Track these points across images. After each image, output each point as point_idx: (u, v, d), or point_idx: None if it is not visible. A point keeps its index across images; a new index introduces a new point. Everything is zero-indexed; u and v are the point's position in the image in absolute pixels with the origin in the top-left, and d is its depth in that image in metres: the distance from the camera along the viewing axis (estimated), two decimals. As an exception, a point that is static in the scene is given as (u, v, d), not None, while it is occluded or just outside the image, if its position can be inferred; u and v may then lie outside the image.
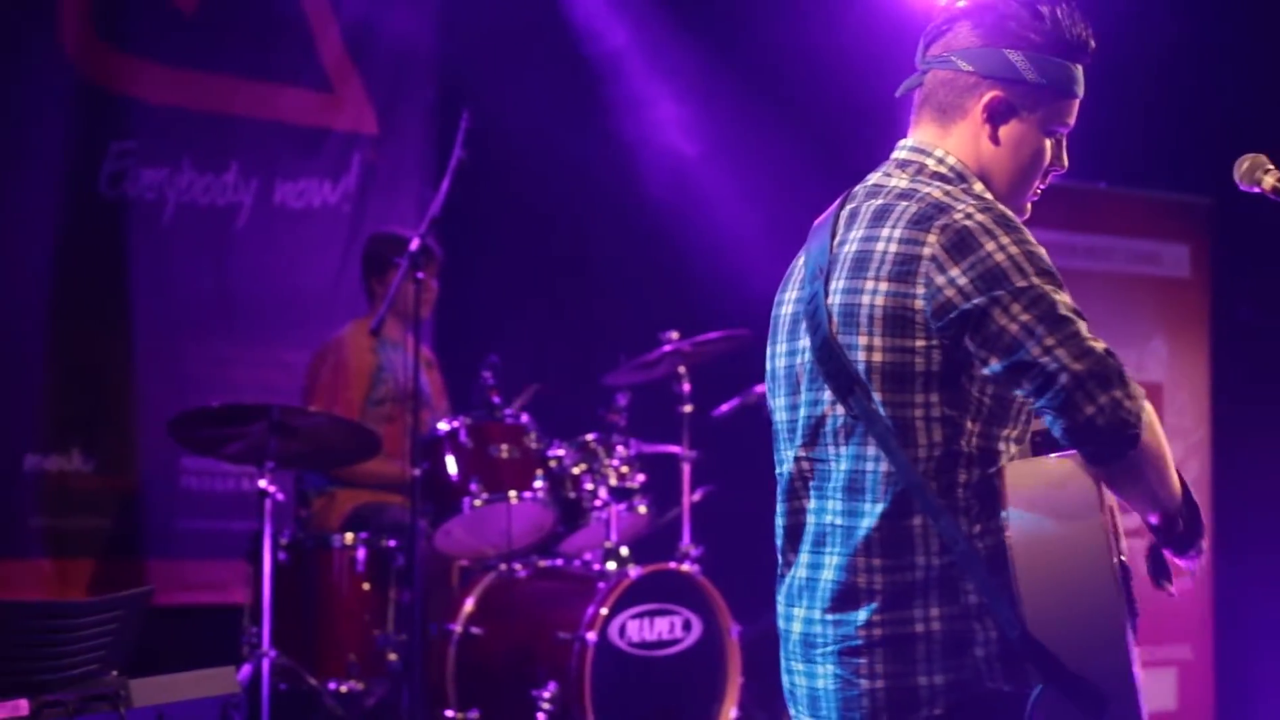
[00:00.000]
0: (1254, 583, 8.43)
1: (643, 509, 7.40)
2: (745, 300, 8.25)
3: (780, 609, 3.26)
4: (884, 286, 3.08)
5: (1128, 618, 3.07)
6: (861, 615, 3.09)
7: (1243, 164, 3.41)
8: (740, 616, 7.21)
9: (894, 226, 3.12)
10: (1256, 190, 3.40)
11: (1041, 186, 3.36)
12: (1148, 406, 2.97)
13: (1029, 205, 3.35)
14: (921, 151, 3.29)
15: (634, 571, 6.90)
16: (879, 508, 3.09)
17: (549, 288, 8.66)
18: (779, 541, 3.28)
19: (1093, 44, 3.28)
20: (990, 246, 3.02)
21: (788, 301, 3.32)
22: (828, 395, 3.15)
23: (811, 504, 3.20)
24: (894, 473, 3.07)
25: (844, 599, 3.12)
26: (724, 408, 7.97)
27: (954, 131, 3.28)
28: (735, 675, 7.10)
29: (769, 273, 8.46)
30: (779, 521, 3.27)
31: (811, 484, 3.19)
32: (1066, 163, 3.35)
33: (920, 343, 3.06)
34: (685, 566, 7.18)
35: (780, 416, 3.29)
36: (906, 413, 3.06)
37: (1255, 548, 8.60)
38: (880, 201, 3.19)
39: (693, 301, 8.50)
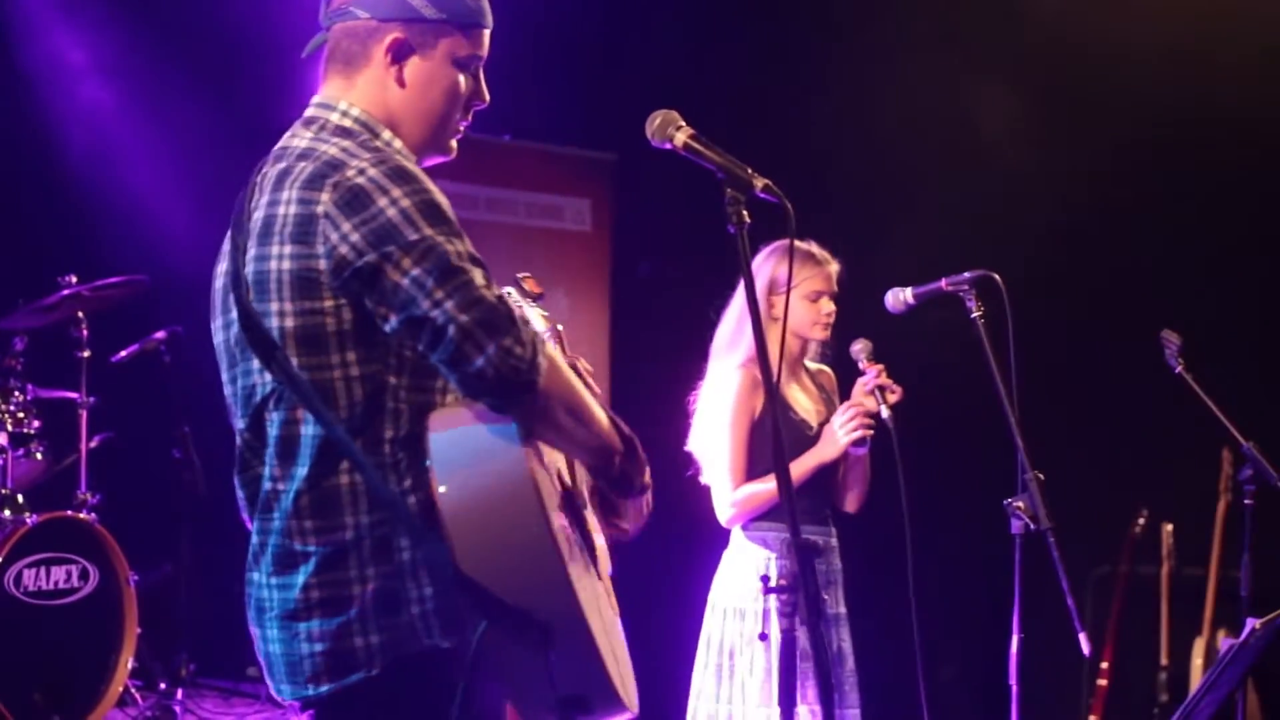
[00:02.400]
0: (651, 530, 9.04)
1: (39, 455, 7.52)
2: (146, 246, 8.61)
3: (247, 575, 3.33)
4: (288, 250, 3.15)
5: (577, 554, 3.22)
6: (299, 579, 3.18)
7: (655, 120, 3.56)
8: (137, 565, 7.49)
9: (291, 188, 3.17)
10: (668, 146, 3.54)
11: (465, 123, 3.45)
12: (549, 351, 3.07)
13: (454, 143, 3.46)
14: (326, 107, 3.37)
15: (30, 519, 7.07)
16: (305, 470, 3.17)
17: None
18: (242, 511, 3.35)
19: None
20: (383, 202, 3.08)
21: (219, 275, 3.37)
22: (256, 364, 3.21)
23: (259, 471, 3.27)
24: (320, 434, 3.15)
25: (284, 563, 3.20)
26: (123, 354, 8.17)
27: (359, 82, 3.36)
28: (133, 624, 7.38)
29: (171, 220, 8.84)
30: (238, 492, 3.35)
31: (257, 452, 3.28)
32: (487, 95, 3.45)
33: (329, 303, 3.12)
34: (82, 515, 7.37)
35: (227, 390, 3.35)
36: (325, 374, 3.14)
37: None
38: (283, 165, 3.25)
39: (93, 246, 8.58)
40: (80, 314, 7.83)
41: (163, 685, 7.99)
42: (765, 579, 4.99)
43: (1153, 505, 8.80)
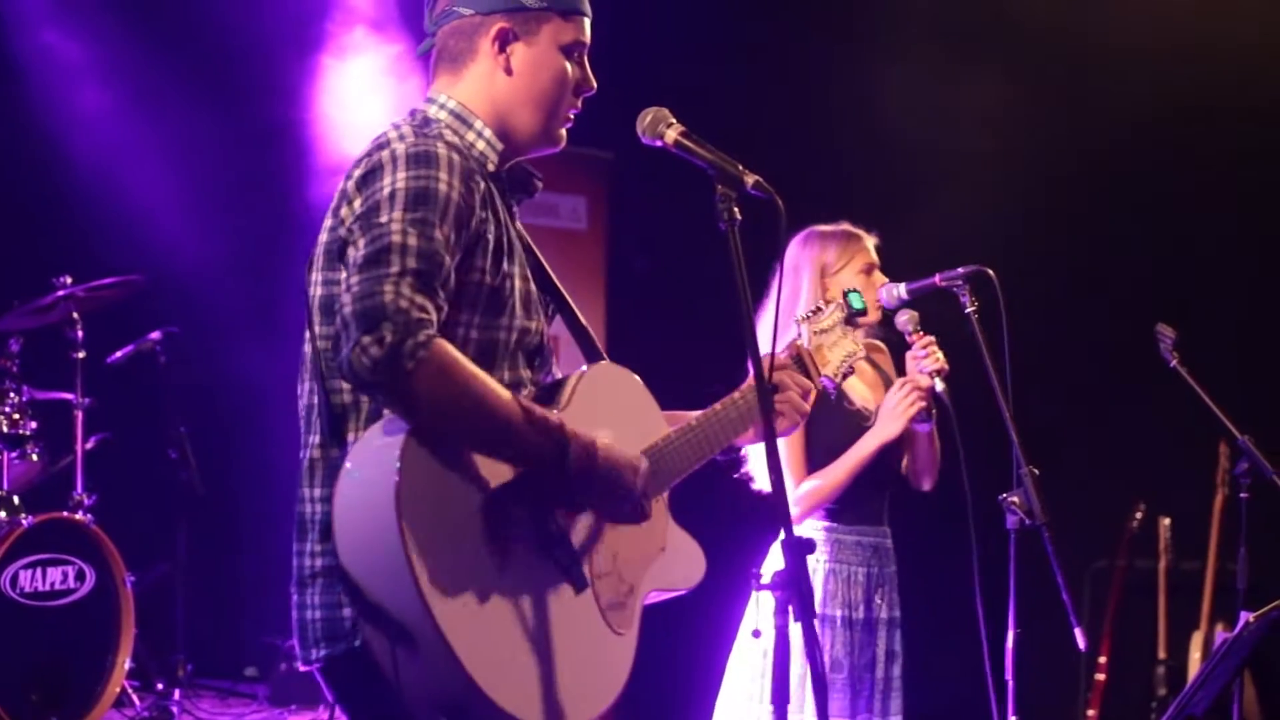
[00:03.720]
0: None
1: (34, 457, 7.55)
2: (141, 247, 8.62)
3: None
4: (329, 223, 3.28)
5: (510, 569, 3.14)
6: (307, 546, 3.26)
7: (646, 117, 3.55)
8: (134, 566, 7.50)
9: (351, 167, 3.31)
10: (659, 144, 3.53)
11: (575, 110, 3.54)
12: (440, 353, 3.00)
13: (563, 133, 3.55)
14: (429, 100, 3.48)
15: (26, 520, 7.09)
16: (315, 438, 3.27)
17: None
18: None
19: None
20: (385, 180, 3.17)
21: None
22: (307, 334, 3.33)
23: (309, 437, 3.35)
24: (322, 404, 3.25)
25: (299, 530, 3.28)
26: (118, 355, 8.20)
27: (466, 76, 3.46)
28: (129, 625, 7.38)
29: (166, 220, 8.80)
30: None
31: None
32: (594, 82, 3.56)
33: (343, 274, 3.18)
34: (79, 516, 7.38)
35: None
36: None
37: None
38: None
39: (88, 246, 8.58)
40: (75, 315, 7.82)
41: (160, 686, 8.02)
42: (757, 575, 4.94)
43: (1150, 499, 8.81)
